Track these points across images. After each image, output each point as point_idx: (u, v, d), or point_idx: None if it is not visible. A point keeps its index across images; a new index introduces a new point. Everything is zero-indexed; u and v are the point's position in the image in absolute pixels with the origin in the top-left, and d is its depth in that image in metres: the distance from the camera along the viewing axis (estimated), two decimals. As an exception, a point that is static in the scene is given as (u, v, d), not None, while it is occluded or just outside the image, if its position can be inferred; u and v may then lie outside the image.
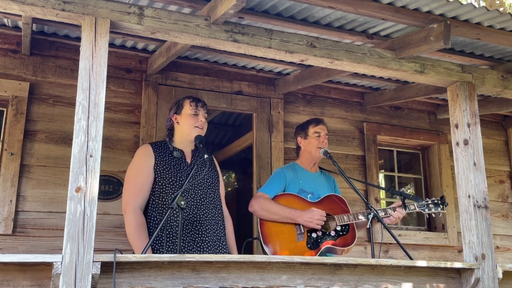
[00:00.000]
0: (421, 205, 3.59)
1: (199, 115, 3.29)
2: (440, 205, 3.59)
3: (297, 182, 3.62)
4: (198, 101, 3.33)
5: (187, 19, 2.95)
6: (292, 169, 3.69)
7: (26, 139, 3.76)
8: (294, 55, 3.20)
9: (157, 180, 3.15)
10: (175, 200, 2.78)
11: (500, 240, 5.04)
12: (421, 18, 3.17)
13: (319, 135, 3.72)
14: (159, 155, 3.21)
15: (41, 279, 2.40)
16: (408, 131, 5.00)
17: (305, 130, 3.78)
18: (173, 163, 3.22)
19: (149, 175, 3.14)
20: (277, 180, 3.59)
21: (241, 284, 2.70)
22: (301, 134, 3.79)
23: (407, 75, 3.51)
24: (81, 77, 2.61)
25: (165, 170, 3.17)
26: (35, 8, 2.64)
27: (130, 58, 4.18)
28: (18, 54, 3.89)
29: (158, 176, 3.15)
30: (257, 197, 3.50)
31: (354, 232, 3.53)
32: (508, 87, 3.69)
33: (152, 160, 3.18)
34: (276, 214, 3.42)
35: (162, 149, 3.26)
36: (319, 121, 3.80)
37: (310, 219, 3.38)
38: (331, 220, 3.52)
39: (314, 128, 3.75)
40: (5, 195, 3.61)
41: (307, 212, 3.40)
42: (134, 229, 2.99)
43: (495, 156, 5.31)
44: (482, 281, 3.12)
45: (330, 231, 3.48)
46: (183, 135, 3.30)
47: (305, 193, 3.60)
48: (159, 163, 3.18)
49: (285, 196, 3.55)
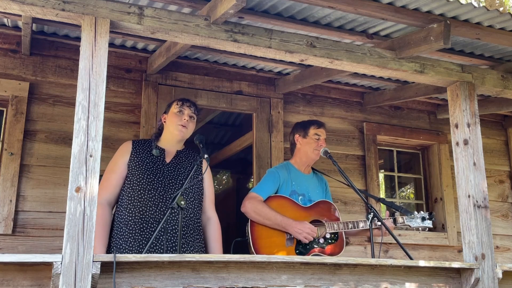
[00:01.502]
0: (409, 219, 3.58)
1: (184, 114, 3.29)
2: (427, 220, 3.58)
3: (290, 183, 3.62)
4: (185, 101, 3.35)
5: (187, 19, 2.95)
6: (286, 169, 3.67)
7: (26, 139, 3.76)
8: (294, 55, 3.20)
9: (127, 176, 3.18)
10: (175, 200, 2.78)
11: (500, 240, 5.04)
12: (421, 18, 3.17)
13: (319, 138, 3.71)
14: (137, 151, 3.24)
15: (41, 279, 2.40)
16: (408, 131, 5.00)
17: (306, 129, 3.76)
18: (147, 160, 3.21)
19: (121, 171, 3.19)
20: (271, 181, 3.58)
21: (241, 284, 2.70)
22: (300, 132, 3.78)
23: (407, 75, 3.51)
24: (81, 77, 2.61)
25: (137, 167, 3.17)
26: (35, 8, 2.64)
27: (130, 58, 4.18)
28: (18, 54, 3.89)
29: (129, 172, 3.19)
30: (249, 198, 3.48)
31: (343, 241, 3.55)
32: (508, 87, 3.69)
33: (127, 156, 3.22)
34: (268, 220, 3.42)
35: (142, 147, 3.28)
36: (321, 124, 3.79)
37: (300, 231, 3.39)
38: (321, 226, 3.52)
39: (316, 130, 3.74)
40: (5, 195, 3.61)
41: (299, 223, 3.41)
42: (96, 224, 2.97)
43: (495, 156, 5.31)
44: (482, 281, 3.13)
45: (320, 238, 3.49)
46: (168, 134, 3.33)
47: (296, 195, 3.60)
48: (133, 159, 3.20)
49: (277, 198, 3.54)
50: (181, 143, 3.34)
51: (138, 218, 3.06)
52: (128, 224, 3.05)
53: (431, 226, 3.61)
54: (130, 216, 3.06)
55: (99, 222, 2.99)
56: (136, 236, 3.02)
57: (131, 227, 3.04)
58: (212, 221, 3.31)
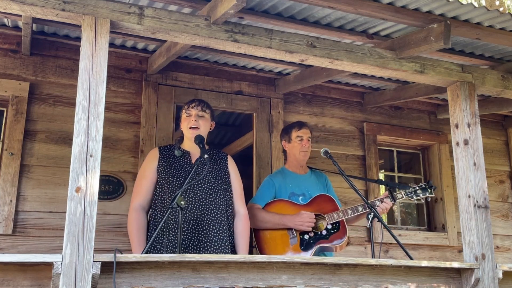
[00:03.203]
0: (409, 192, 3.62)
1: (192, 115, 3.34)
2: (428, 189, 3.62)
3: (287, 187, 3.67)
4: (191, 102, 3.41)
5: (187, 19, 2.95)
6: (281, 175, 3.74)
7: (26, 139, 3.76)
8: (294, 55, 3.20)
9: (158, 181, 3.26)
10: (175, 200, 2.78)
11: (500, 240, 5.04)
12: (421, 18, 3.16)
13: (302, 139, 3.75)
14: (164, 156, 3.32)
15: (41, 279, 2.40)
16: (408, 131, 5.00)
17: (289, 134, 3.81)
18: (175, 163, 3.29)
19: (151, 176, 3.27)
20: (266, 188, 3.66)
21: (241, 284, 2.70)
22: (285, 137, 3.84)
23: (407, 75, 3.51)
24: (81, 77, 2.61)
25: (166, 171, 3.25)
26: (35, 8, 2.64)
27: (130, 58, 4.18)
28: (18, 54, 3.89)
29: (159, 177, 3.26)
30: (248, 208, 3.50)
31: (345, 228, 3.57)
32: (508, 87, 3.69)
33: (156, 162, 3.30)
34: (267, 222, 3.50)
35: (168, 151, 3.36)
36: (302, 125, 3.82)
37: (300, 222, 3.45)
38: (322, 219, 3.56)
39: (297, 132, 3.78)
40: (5, 195, 3.61)
41: (297, 216, 3.48)
42: (132, 228, 3.13)
43: (495, 156, 5.31)
44: (482, 281, 3.13)
45: (322, 230, 3.53)
46: (185, 137, 3.41)
47: (296, 196, 3.65)
48: (161, 164, 3.28)
49: (276, 202, 3.61)
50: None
51: (171, 220, 3.11)
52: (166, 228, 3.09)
53: (432, 195, 3.64)
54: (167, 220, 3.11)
55: (135, 226, 3.11)
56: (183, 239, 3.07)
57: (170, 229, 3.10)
58: (239, 216, 3.34)
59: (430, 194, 3.62)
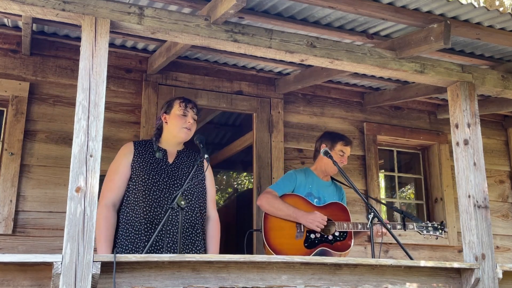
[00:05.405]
0: (420, 226, 3.68)
1: (188, 116, 3.25)
2: (439, 229, 3.68)
3: (306, 186, 3.72)
4: (188, 102, 3.31)
5: (187, 19, 2.95)
6: (304, 173, 3.79)
7: (26, 139, 3.76)
8: (294, 55, 3.20)
9: (132, 177, 3.16)
10: (175, 200, 2.78)
11: (500, 240, 5.04)
12: (421, 18, 3.17)
13: (343, 155, 3.80)
14: (139, 152, 3.21)
15: (41, 279, 2.40)
16: (408, 131, 5.00)
17: (334, 143, 3.82)
18: (151, 161, 3.20)
19: (125, 172, 3.16)
20: (288, 180, 3.71)
21: (241, 284, 2.70)
22: (327, 143, 3.83)
23: (407, 75, 3.51)
24: (81, 77, 2.61)
25: (141, 168, 3.16)
26: (35, 8, 2.64)
27: (130, 58, 4.18)
28: (18, 54, 3.89)
29: (133, 173, 3.16)
30: (265, 193, 3.63)
31: (351, 240, 3.62)
32: (508, 87, 3.69)
33: (131, 157, 3.19)
34: (280, 211, 3.54)
35: (144, 147, 3.25)
36: (349, 142, 3.87)
37: (312, 220, 3.50)
38: (332, 225, 3.61)
39: (342, 146, 3.82)
40: (5, 195, 3.61)
41: (310, 214, 3.53)
42: (101, 226, 2.99)
43: (495, 156, 5.31)
44: (482, 281, 3.13)
45: (329, 235, 3.58)
46: (170, 135, 3.29)
47: (312, 197, 3.70)
48: (136, 161, 3.18)
49: (292, 196, 3.65)
50: (181, 144, 3.34)
51: (143, 218, 3.06)
52: (133, 224, 3.05)
53: (442, 236, 3.71)
54: (135, 217, 3.06)
55: (104, 223, 3.01)
56: (141, 237, 3.02)
57: (136, 228, 3.04)
58: (211, 220, 3.30)
59: (440, 234, 3.68)
